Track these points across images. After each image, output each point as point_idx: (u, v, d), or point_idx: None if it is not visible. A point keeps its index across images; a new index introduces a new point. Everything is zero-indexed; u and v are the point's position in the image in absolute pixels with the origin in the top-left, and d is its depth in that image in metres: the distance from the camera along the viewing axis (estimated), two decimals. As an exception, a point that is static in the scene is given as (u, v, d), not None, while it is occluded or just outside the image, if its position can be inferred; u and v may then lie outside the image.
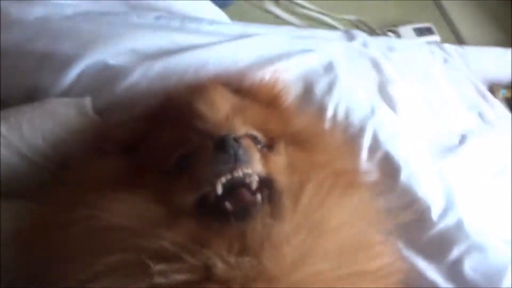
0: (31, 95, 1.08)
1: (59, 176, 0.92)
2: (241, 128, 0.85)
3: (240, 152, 0.76)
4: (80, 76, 1.08)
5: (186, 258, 0.68)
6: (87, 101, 1.01)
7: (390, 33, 2.42)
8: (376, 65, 1.43)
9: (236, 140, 0.77)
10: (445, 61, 1.74)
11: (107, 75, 1.08)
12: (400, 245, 1.03)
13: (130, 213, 0.75)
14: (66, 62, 1.07)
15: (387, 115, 1.22)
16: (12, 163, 0.95)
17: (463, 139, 1.38)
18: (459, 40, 2.69)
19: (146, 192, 0.79)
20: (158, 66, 1.09)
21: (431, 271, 1.04)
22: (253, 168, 0.78)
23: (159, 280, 0.66)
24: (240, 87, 1.02)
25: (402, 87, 1.39)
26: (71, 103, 1.00)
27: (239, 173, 0.76)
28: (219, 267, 0.67)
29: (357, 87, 1.25)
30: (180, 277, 0.67)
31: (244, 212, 0.74)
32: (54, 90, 1.08)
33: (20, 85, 1.10)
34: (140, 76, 1.08)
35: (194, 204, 0.78)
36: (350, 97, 1.20)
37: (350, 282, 0.68)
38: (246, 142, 0.81)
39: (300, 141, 0.94)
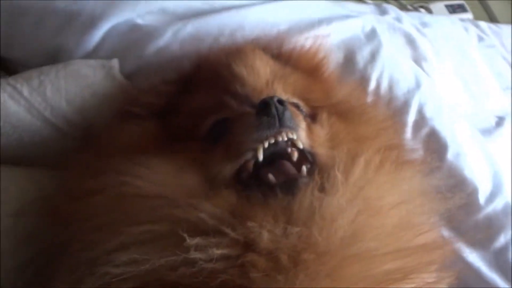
0: (54, 58, 1.01)
1: (84, 143, 0.87)
2: (282, 95, 0.79)
3: (286, 115, 0.71)
4: (106, 37, 1.01)
5: (226, 231, 0.62)
6: (115, 63, 0.94)
7: (421, 9, 2.32)
8: (410, 41, 1.34)
9: (282, 102, 0.71)
10: (480, 39, 1.66)
11: (135, 36, 1.01)
12: (444, 229, 0.96)
13: (163, 181, 0.70)
14: (92, 21, 0.99)
15: (433, 89, 1.14)
16: (34, 128, 0.89)
17: (500, 121, 1.32)
18: (492, 18, 2.57)
19: (180, 159, 0.74)
20: (190, 27, 1.02)
21: (474, 258, 0.97)
22: (299, 135, 0.73)
23: (195, 254, 0.60)
24: (280, 53, 0.95)
25: (437, 64, 1.31)
26: (98, 65, 0.92)
27: (283, 138, 0.71)
28: (265, 238, 0.61)
29: (401, 56, 1.16)
30: (219, 251, 0.61)
31: (290, 185, 0.68)
32: (78, 52, 1.00)
33: (42, 46, 1.03)
34: (171, 38, 1.00)
35: (232, 175, 0.72)
36: (394, 68, 1.12)
37: (394, 259, 0.65)
38: (292, 108, 0.76)
39: (342, 113, 0.89)
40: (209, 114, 0.80)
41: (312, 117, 0.84)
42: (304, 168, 0.71)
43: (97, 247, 0.63)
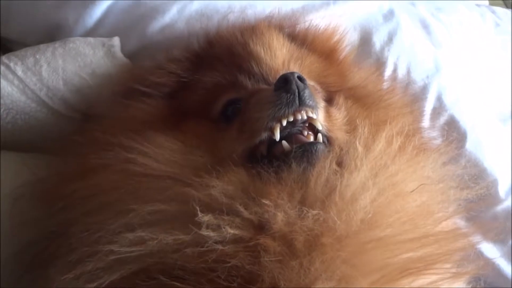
0: (53, 36, 0.96)
1: (83, 125, 0.82)
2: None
3: (306, 93, 0.67)
4: (107, 13, 0.95)
5: (239, 209, 0.59)
6: (116, 41, 0.88)
7: (436, -7, 2.24)
8: (425, 26, 1.26)
9: (302, 79, 0.67)
10: (497, 25, 1.58)
11: (138, 13, 0.95)
12: (462, 220, 0.91)
13: (173, 159, 0.67)
14: (92, -6, 0.94)
15: (453, 74, 1.07)
16: (29, 110, 0.84)
17: None
18: (508, 4, 2.49)
19: (190, 138, 0.71)
20: (197, 4, 0.96)
21: (493, 252, 0.92)
22: (318, 115, 0.69)
23: (206, 232, 0.57)
24: (295, 33, 0.90)
25: (452, 50, 1.23)
26: (98, 43, 0.87)
27: (303, 116, 0.67)
28: (279, 219, 0.57)
29: (419, 39, 1.09)
30: (231, 231, 0.57)
31: (305, 150, 0.65)
32: (78, 29, 0.95)
33: (41, 23, 0.98)
34: (176, 15, 0.95)
35: (245, 154, 0.68)
36: (413, 51, 1.06)
37: (416, 247, 0.62)
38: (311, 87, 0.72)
39: (359, 97, 0.84)
40: (222, 93, 0.76)
41: (328, 101, 0.80)
42: (320, 135, 0.68)
43: (101, 226, 0.61)
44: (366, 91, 0.87)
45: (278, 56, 0.79)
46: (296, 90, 0.66)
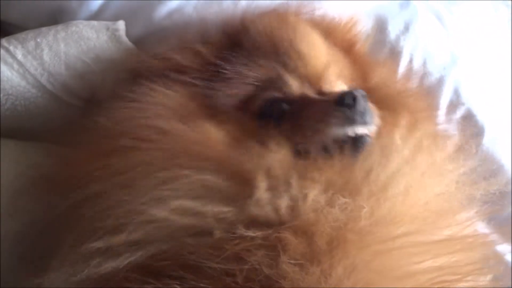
0: (55, 20, 0.92)
1: (88, 113, 0.78)
2: (337, 81, 0.79)
3: (368, 112, 0.69)
4: (111, -2, 0.91)
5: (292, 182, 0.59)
6: (121, 25, 0.84)
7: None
8: (439, 18, 1.22)
9: (365, 98, 0.69)
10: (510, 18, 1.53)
11: (144, -3, 0.91)
12: (478, 219, 0.88)
13: (220, 146, 0.66)
14: (95, -22, 0.90)
15: (470, 67, 1.03)
16: (29, 96, 0.80)
17: None
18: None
19: (233, 131, 0.70)
20: (207, -13, 0.91)
21: (509, 253, 0.90)
22: (371, 130, 0.71)
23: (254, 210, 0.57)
24: (316, 23, 0.87)
25: (467, 44, 1.19)
26: (101, 27, 0.83)
27: (363, 132, 0.69)
28: (308, 203, 0.57)
29: (436, 30, 1.04)
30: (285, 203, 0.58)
31: (358, 140, 0.67)
32: (81, 13, 0.91)
33: (43, 7, 0.94)
34: (184, -1, 0.90)
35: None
36: (429, 41, 1.01)
37: (439, 251, 0.61)
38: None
39: (379, 99, 0.82)
40: (262, 89, 0.75)
41: None
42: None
43: (132, 200, 0.59)
44: (387, 92, 0.85)
45: (321, 57, 0.78)
46: (362, 110, 0.68)
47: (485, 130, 0.96)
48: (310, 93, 0.74)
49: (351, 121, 0.68)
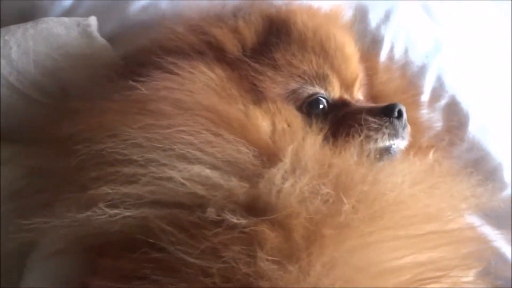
0: (27, 17, 0.90)
1: (64, 112, 0.74)
2: (360, 89, 0.84)
3: (407, 126, 0.74)
4: (84, -8, 0.89)
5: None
6: (92, 21, 0.82)
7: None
8: (425, 5, 1.20)
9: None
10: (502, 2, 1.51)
11: (117, -9, 0.90)
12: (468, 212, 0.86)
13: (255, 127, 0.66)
14: (66, -26, 0.88)
15: (454, 55, 1.01)
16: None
17: None
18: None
19: (279, 121, 0.70)
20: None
21: (500, 241, 0.87)
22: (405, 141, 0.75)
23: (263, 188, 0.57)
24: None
25: (454, 31, 1.17)
26: (72, 23, 0.81)
27: (398, 146, 0.74)
28: (296, 192, 0.56)
29: (419, 17, 1.03)
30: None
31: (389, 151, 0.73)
32: (53, 10, 0.90)
33: (14, 6, 0.92)
34: (161, -9, 0.89)
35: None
36: (411, 29, 1.00)
37: (422, 245, 0.59)
38: None
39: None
40: (311, 84, 0.76)
41: None
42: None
43: (159, 154, 0.59)
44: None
45: (357, 64, 0.82)
46: (405, 125, 0.73)
47: (470, 118, 0.94)
48: (349, 98, 0.77)
49: (396, 134, 0.72)
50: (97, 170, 0.58)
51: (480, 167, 0.91)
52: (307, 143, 0.63)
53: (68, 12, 0.90)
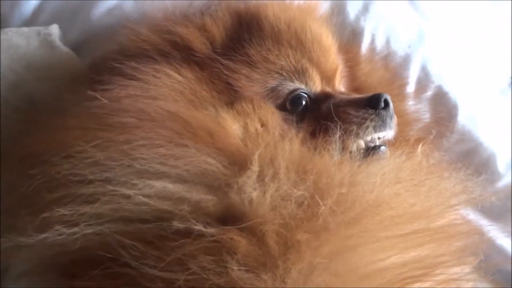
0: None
1: (32, 124, 0.71)
2: (340, 81, 0.81)
3: (393, 116, 0.72)
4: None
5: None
6: (53, 29, 0.79)
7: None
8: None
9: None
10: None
11: (80, -4, 0.86)
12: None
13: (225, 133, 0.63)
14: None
15: (439, 43, 0.98)
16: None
17: None
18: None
19: (252, 123, 0.67)
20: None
21: (495, 232, 0.85)
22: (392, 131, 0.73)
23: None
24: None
25: (440, 18, 1.14)
26: (32, 32, 0.78)
27: (387, 136, 0.72)
28: (268, 198, 0.54)
29: (400, 6, 0.99)
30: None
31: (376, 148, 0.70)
32: (14, 19, 0.86)
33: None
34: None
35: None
36: (392, 19, 0.96)
37: (405, 245, 0.57)
38: None
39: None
40: (290, 79, 0.73)
41: None
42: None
43: (120, 171, 0.56)
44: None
45: (336, 55, 0.79)
46: (392, 114, 0.71)
47: (459, 108, 0.91)
48: (331, 90, 0.74)
49: (384, 125, 0.69)
50: (53, 194, 0.55)
51: (472, 158, 0.89)
52: (280, 145, 0.59)
53: (30, 20, 0.87)
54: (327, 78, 0.76)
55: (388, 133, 0.72)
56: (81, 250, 0.53)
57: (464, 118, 0.90)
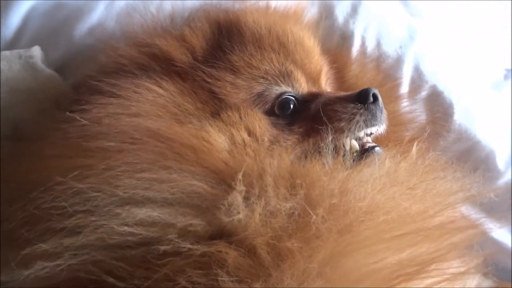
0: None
1: (17, 149, 0.69)
2: (326, 81, 0.80)
3: (384, 110, 0.71)
4: (27, 20, 0.84)
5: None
6: (35, 51, 0.77)
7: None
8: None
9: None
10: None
11: (61, 16, 0.84)
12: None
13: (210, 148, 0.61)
14: (6, 1, 0.83)
15: (431, 40, 0.96)
16: None
17: (508, 73, 1.13)
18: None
19: (238, 132, 0.65)
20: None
21: (497, 231, 0.83)
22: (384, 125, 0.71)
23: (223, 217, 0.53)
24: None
25: (432, 16, 1.12)
26: (13, 56, 0.76)
27: (379, 131, 0.71)
28: (258, 211, 0.53)
29: (389, 6, 0.97)
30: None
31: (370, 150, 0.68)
32: (-4, 42, 0.84)
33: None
34: (104, 12, 0.84)
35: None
36: (382, 20, 0.94)
37: (399, 246, 0.56)
38: None
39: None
40: (275, 83, 0.71)
41: None
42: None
43: (103, 201, 0.53)
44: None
45: (319, 56, 0.78)
46: (381, 108, 0.70)
47: (455, 106, 0.89)
48: (318, 90, 0.73)
49: (374, 118, 0.68)
50: (35, 228, 0.53)
51: (471, 157, 0.87)
52: (268, 160, 0.58)
53: (12, 43, 0.84)
54: (313, 79, 0.75)
55: (380, 128, 0.71)
56: (67, 281, 0.52)
57: (461, 117, 0.89)
